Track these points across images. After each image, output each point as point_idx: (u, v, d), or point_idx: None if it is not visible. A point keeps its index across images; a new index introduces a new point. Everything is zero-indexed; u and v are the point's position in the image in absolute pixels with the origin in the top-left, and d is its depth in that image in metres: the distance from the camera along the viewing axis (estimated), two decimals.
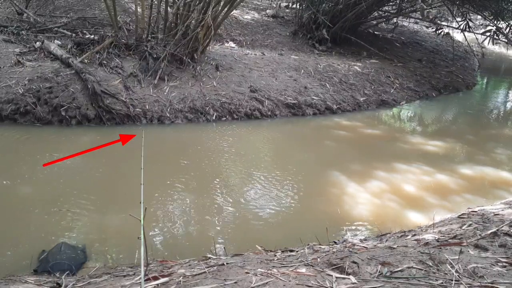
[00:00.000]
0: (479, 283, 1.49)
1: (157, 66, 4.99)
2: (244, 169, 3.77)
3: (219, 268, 1.80)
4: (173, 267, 1.99)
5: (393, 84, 6.72)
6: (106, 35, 5.40)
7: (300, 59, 6.73)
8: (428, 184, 3.69)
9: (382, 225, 2.88)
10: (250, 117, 5.07)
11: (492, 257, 1.74)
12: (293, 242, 2.46)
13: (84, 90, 4.50)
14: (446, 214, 3.05)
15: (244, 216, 3.00)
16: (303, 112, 5.42)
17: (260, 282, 1.55)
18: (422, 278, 1.55)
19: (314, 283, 1.55)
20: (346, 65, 6.79)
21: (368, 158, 4.20)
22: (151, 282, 1.68)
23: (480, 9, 8.53)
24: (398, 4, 8.84)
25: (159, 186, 3.32)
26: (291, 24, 8.61)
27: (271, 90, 5.47)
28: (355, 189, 3.49)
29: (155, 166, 3.70)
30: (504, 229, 2.10)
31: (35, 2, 6.95)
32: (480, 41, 8.98)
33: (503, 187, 3.77)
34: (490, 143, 5.19)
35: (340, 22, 7.71)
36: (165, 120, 4.65)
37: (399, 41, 9.34)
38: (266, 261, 1.90)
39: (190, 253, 2.38)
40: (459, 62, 9.12)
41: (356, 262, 1.71)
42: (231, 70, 5.68)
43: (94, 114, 4.41)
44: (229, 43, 7.19)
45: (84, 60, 4.85)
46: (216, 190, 3.36)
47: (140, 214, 1.54)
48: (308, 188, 3.52)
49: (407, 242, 2.17)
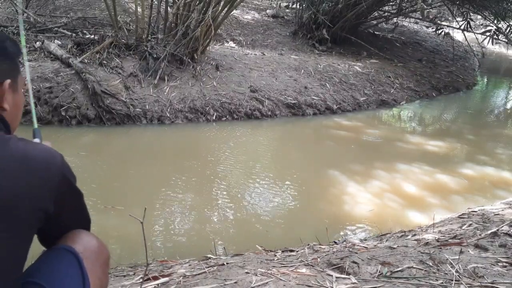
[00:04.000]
0: (479, 283, 1.49)
1: (157, 66, 4.99)
2: (244, 169, 3.77)
3: (219, 268, 1.80)
4: (173, 267, 1.99)
5: (393, 84, 6.72)
6: (106, 35, 5.40)
7: (300, 59, 6.73)
8: (428, 184, 3.69)
9: (382, 225, 2.88)
10: (250, 117, 5.07)
11: (492, 257, 1.74)
12: (293, 242, 2.46)
13: (84, 90, 4.50)
14: (446, 214, 3.04)
15: (244, 216, 3.00)
16: (303, 112, 5.42)
17: (260, 282, 1.55)
18: (422, 278, 1.55)
19: (314, 283, 1.55)
20: (346, 65, 6.79)
21: (368, 158, 4.20)
22: (151, 282, 1.68)
23: (480, 9, 8.53)
24: (398, 4, 8.84)
25: (159, 186, 3.32)
26: (291, 24, 8.61)
27: (271, 90, 5.47)
28: (355, 189, 3.49)
29: (155, 166, 3.71)
30: (504, 229, 2.10)
31: (35, 2, 6.95)
32: (480, 41, 8.98)
33: (503, 187, 3.77)
34: (490, 143, 5.19)
35: (340, 22, 7.71)
36: (165, 120, 4.65)
37: (399, 41, 9.34)
38: (266, 261, 1.90)
39: (190, 253, 2.38)
40: (459, 62, 9.12)
41: (356, 262, 1.71)
42: (231, 70, 5.68)
43: (94, 114, 4.41)
44: (229, 43, 7.19)
45: (84, 60, 4.85)
46: (216, 190, 3.36)
47: (140, 214, 1.54)
48: (308, 188, 3.52)
49: (407, 242, 2.17)
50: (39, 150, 0.90)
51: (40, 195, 0.87)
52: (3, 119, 0.95)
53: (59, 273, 0.93)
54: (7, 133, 0.93)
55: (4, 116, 0.95)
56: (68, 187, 0.95)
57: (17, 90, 1.00)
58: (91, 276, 0.96)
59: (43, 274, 0.92)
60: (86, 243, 1.02)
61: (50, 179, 0.89)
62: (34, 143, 0.92)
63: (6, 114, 0.96)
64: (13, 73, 0.98)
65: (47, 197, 0.88)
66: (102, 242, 1.07)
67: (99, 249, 1.04)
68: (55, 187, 0.89)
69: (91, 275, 0.96)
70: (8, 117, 0.96)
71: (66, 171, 0.94)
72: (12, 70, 0.98)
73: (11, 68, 0.98)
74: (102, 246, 1.06)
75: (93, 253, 1.01)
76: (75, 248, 0.98)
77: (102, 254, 1.05)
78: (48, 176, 0.88)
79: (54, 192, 0.89)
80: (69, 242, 1.00)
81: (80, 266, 0.96)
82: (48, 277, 0.91)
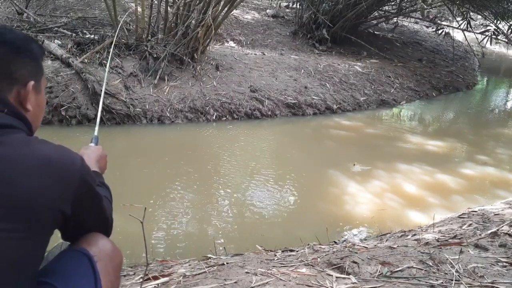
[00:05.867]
0: (479, 283, 1.49)
1: (157, 66, 4.99)
2: (244, 169, 3.77)
3: (219, 268, 1.80)
4: (173, 267, 1.99)
5: (393, 83, 6.72)
6: (106, 35, 5.40)
7: (300, 59, 6.73)
8: (428, 184, 3.69)
9: (382, 225, 2.88)
10: (250, 117, 5.07)
11: (492, 257, 1.74)
12: (293, 242, 2.46)
13: (84, 90, 4.50)
14: (446, 214, 3.04)
15: (244, 216, 3.00)
16: (303, 112, 5.42)
17: (260, 282, 1.56)
18: (422, 278, 1.55)
19: (314, 283, 1.55)
20: (346, 65, 6.79)
21: (368, 157, 4.20)
22: (151, 282, 1.68)
23: (480, 9, 8.53)
24: (398, 4, 8.84)
25: (159, 186, 3.32)
26: (291, 24, 8.61)
27: (271, 90, 5.47)
28: (355, 188, 3.49)
29: (155, 165, 3.71)
30: (504, 229, 2.10)
31: (35, 2, 6.95)
32: (480, 41, 8.98)
33: (503, 187, 3.77)
34: (490, 142, 5.19)
35: (340, 22, 7.71)
36: (165, 120, 4.65)
37: (399, 41, 9.34)
38: (266, 261, 1.90)
39: (190, 253, 2.38)
40: (459, 62, 9.12)
41: (356, 262, 1.71)
42: (231, 70, 5.68)
43: (94, 114, 4.41)
44: (229, 43, 7.19)
45: (84, 60, 4.84)
46: (216, 190, 3.36)
47: (140, 214, 1.54)
48: (308, 188, 3.52)
49: (407, 242, 2.17)
50: (59, 152, 0.91)
51: (58, 197, 0.88)
52: (26, 120, 0.95)
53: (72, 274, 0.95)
54: (29, 134, 0.94)
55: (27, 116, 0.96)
56: (86, 190, 0.96)
57: (40, 92, 1.01)
58: (103, 279, 0.98)
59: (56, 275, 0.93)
60: (101, 246, 1.03)
61: (69, 181, 0.90)
62: (55, 145, 0.92)
63: (28, 115, 0.96)
64: (37, 75, 1.00)
65: (65, 199, 0.89)
66: (116, 246, 1.09)
67: (113, 253, 1.06)
68: (73, 189, 0.90)
69: (103, 278, 0.98)
70: (30, 117, 0.97)
71: (85, 174, 0.94)
72: (37, 72, 1.00)
73: (36, 70, 0.99)
74: (117, 250, 1.08)
75: (107, 256, 1.02)
76: (89, 250, 1.00)
77: (116, 258, 1.06)
78: (67, 179, 0.89)
79: (72, 195, 0.90)
80: (85, 244, 1.01)
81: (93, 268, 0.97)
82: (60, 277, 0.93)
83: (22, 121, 0.93)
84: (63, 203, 0.89)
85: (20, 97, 0.95)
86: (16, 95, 0.94)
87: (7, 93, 0.92)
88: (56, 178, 0.87)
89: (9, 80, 0.93)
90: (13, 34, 0.96)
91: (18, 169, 0.82)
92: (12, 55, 0.93)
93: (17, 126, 0.90)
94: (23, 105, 0.95)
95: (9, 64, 0.93)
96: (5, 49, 0.93)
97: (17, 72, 0.94)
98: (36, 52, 0.99)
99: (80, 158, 0.94)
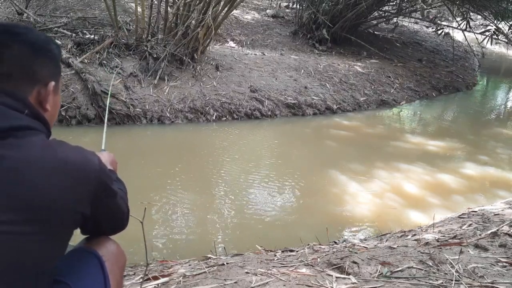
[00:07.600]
0: (479, 283, 1.49)
1: (157, 66, 4.99)
2: (244, 169, 3.77)
3: (219, 268, 1.80)
4: (173, 267, 1.99)
5: (393, 84, 6.72)
6: (106, 35, 5.40)
7: (300, 59, 6.73)
8: (428, 184, 3.69)
9: (382, 225, 2.88)
10: (250, 117, 5.07)
11: (492, 257, 1.74)
12: (293, 242, 2.46)
13: (84, 90, 4.50)
14: (446, 214, 3.05)
15: (244, 216, 3.00)
16: (303, 112, 5.42)
17: (260, 282, 1.56)
18: (422, 278, 1.55)
19: (314, 283, 1.55)
20: (346, 65, 6.80)
21: (368, 158, 4.20)
22: (151, 282, 1.68)
23: (480, 9, 8.53)
24: (398, 4, 8.84)
25: (159, 186, 3.32)
26: (291, 24, 8.61)
27: (271, 90, 5.47)
28: (355, 188, 3.49)
29: (155, 165, 3.71)
30: (504, 229, 2.10)
31: (35, 2, 6.94)
32: (480, 41, 8.98)
33: (503, 187, 3.77)
34: (490, 142, 5.19)
35: (340, 22, 7.71)
36: (165, 120, 4.65)
37: (399, 41, 9.34)
38: (266, 261, 1.90)
39: (190, 253, 2.38)
40: (459, 62, 9.12)
41: (356, 262, 1.71)
42: (231, 70, 5.68)
43: (94, 114, 4.41)
44: (229, 43, 7.19)
45: (84, 60, 4.84)
46: (216, 190, 3.36)
47: (140, 214, 1.54)
48: (308, 188, 3.52)
49: (407, 242, 2.17)
50: (78, 154, 0.91)
51: (78, 199, 0.89)
52: (45, 120, 0.95)
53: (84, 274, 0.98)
54: (48, 135, 0.95)
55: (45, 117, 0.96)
56: (104, 190, 0.97)
57: (58, 92, 1.02)
58: (111, 278, 1.01)
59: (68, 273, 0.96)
60: (108, 246, 1.08)
61: (88, 183, 0.90)
62: (73, 147, 0.93)
63: (46, 115, 0.97)
64: (57, 75, 1.01)
65: (85, 200, 0.90)
66: (120, 247, 1.13)
67: (118, 254, 1.10)
68: (92, 190, 0.91)
69: (111, 277, 1.02)
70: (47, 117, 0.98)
71: (103, 174, 0.95)
72: (56, 72, 1.00)
73: (55, 70, 1.00)
74: (121, 251, 1.12)
75: (113, 257, 1.06)
76: (98, 251, 1.04)
77: (121, 259, 1.11)
78: (86, 180, 0.90)
79: (91, 196, 0.92)
80: (93, 245, 1.06)
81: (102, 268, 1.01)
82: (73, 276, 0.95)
83: (41, 122, 0.93)
84: (83, 204, 0.90)
85: (40, 98, 0.95)
86: (36, 96, 0.94)
87: (27, 94, 0.92)
88: (75, 180, 0.87)
89: (31, 81, 0.93)
90: (34, 34, 0.96)
91: (38, 172, 0.83)
92: (34, 56, 0.93)
93: (36, 127, 0.90)
94: (42, 105, 0.95)
95: (32, 65, 0.93)
96: (27, 49, 0.92)
97: (39, 72, 0.94)
98: (55, 53, 1.00)
99: (98, 159, 0.95)
